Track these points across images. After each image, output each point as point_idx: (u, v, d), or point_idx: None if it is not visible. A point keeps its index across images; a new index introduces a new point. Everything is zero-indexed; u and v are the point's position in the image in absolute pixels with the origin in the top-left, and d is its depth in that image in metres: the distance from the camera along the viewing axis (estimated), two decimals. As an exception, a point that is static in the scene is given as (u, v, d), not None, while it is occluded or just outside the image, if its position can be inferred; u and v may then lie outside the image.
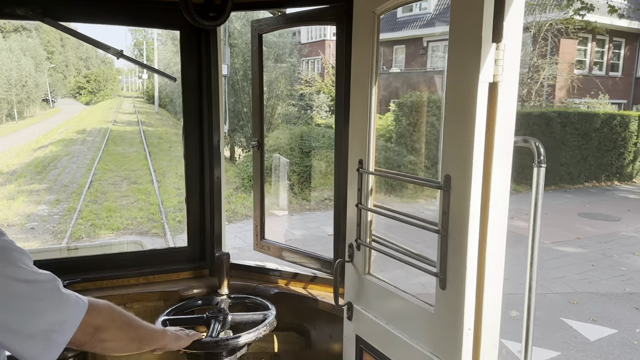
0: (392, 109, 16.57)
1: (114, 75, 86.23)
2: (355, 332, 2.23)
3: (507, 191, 1.63)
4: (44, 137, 30.23)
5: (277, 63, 19.80)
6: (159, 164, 19.40)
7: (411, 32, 25.89)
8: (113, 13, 2.60)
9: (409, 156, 14.76)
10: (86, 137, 28.47)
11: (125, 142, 26.08)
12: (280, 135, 16.14)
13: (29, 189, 15.20)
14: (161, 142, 26.01)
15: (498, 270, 1.66)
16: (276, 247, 2.98)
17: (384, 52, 26.72)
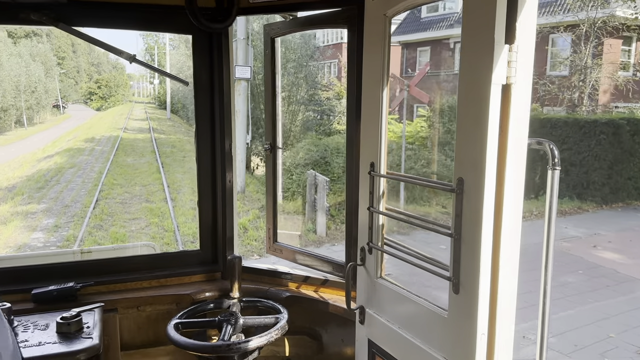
0: (422, 114, 15.77)
1: (125, 80, 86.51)
2: (368, 336, 2.22)
3: (521, 194, 1.61)
4: (51, 145, 28.66)
5: (299, 66, 18.97)
6: (173, 176, 17.84)
7: (437, 33, 24.55)
8: (126, 18, 2.62)
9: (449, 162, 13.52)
10: (95, 146, 26.69)
11: (136, 152, 24.27)
12: (312, 146, 14.66)
13: (25, 210, 13.36)
14: (174, 152, 24.34)
15: (512, 274, 1.64)
16: (288, 250, 2.98)
17: (406, 54, 25.99)
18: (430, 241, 8.56)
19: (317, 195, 11.56)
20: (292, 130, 18.16)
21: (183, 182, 16.55)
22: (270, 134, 2.99)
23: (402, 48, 26.45)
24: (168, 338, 2.30)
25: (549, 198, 1.67)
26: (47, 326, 2.18)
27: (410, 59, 26.03)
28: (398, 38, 25.99)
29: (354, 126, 2.47)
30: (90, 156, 23.13)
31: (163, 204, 13.39)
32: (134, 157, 22.54)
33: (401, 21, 26.57)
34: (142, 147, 26.27)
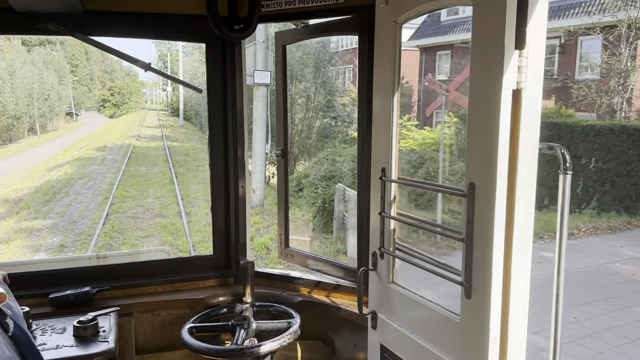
0: (447, 121, 14.52)
1: (138, 88, 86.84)
2: (380, 341, 2.22)
3: (532, 199, 1.61)
4: (63, 154, 27.92)
5: (316, 70, 18.09)
6: (187, 187, 16.76)
7: (458, 36, 22.91)
8: (141, 27, 2.67)
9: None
10: (106, 155, 25.71)
11: (149, 161, 23.38)
12: (336, 156, 13.62)
13: (30, 226, 12.54)
14: (188, 160, 23.23)
15: (524, 279, 1.64)
16: (300, 255, 3.00)
17: (425, 59, 25.08)
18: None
19: (347, 213, 10.60)
20: (309, 137, 17.34)
21: (198, 194, 15.49)
22: (282, 140, 3.02)
23: (420, 53, 25.50)
24: (182, 342, 2.32)
25: (560, 204, 1.67)
26: (64, 330, 2.22)
27: (429, 64, 25.06)
28: (416, 42, 25.21)
29: (364, 131, 2.48)
30: (101, 166, 22.35)
31: (177, 219, 12.56)
32: (146, 167, 21.76)
33: (419, 25, 25.67)
34: (154, 155, 25.50)
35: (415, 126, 15.82)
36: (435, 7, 1.94)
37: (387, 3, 2.05)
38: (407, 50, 25.98)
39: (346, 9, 2.48)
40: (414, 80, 24.69)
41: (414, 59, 26.09)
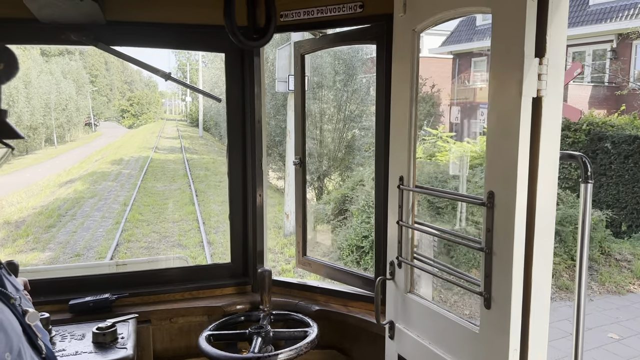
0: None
1: (157, 98, 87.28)
2: (398, 352, 2.21)
3: (553, 208, 1.60)
4: (77, 167, 26.12)
5: (348, 77, 16.41)
6: (209, 208, 14.79)
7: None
8: (161, 37, 2.71)
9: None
10: (122, 170, 23.61)
11: (167, 175, 21.36)
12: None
13: (24, 260, 10.71)
14: (209, 175, 21.20)
15: (545, 289, 1.62)
16: (318, 264, 2.99)
17: (459, 65, 23.65)
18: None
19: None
20: (339, 150, 15.34)
21: (221, 217, 13.67)
22: (299, 149, 3.03)
23: (454, 59, 24.06)
24: (199, 350, 2.33)
25: (582, 212, 1.65)
26: (84, 336, 2.24)
27: (463, 71, 23.58)
28: (449, 48, 23.83)
29: (382, 140, 2.48)
30: (115, 182, 20.14)
31: (199, 251, 10.85)
32: (164, 183, 19.76)
33: (452, 30, 24.35)
34: (173, 169, 23.53)
35: (451, 137, 14.66)
36: (454, 15, 1.94)
37: (406, 12, 2.06)
38: (437, 58, 25.37)
39: (364, 18, 2.49)
40: (446, 89, 24.09)
41: (445, 66, 25.38)
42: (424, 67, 23.91)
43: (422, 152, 13.60)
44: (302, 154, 3.01)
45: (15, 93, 35.66)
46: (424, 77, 22.58)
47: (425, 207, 9.58)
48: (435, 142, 13.69)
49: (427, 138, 15.53)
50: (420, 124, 19.95)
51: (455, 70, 24.10)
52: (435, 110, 22.42)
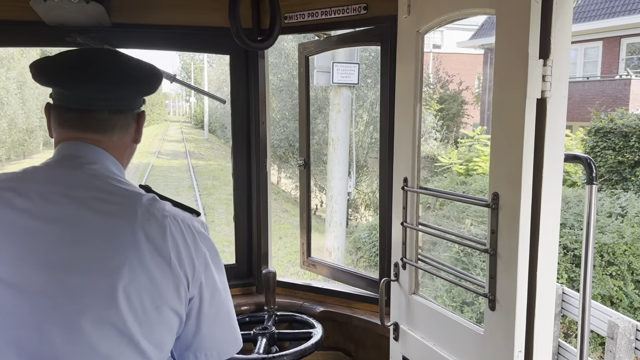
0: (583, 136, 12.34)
1: (161, 100, 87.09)
2: (402, 353, 2.21)
3: (558, 209, 1.59)
4: None
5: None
6: (220, 231, 12.40)
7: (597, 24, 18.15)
8: (166, 39, 2.73)
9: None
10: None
11: (170, 186, 18.96)
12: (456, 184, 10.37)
13: None
14: (217, 186, 18.93)
15: (550, 291, 1.62)
16: (322, 265, 3.00)
17: (490, 61, 21.91)
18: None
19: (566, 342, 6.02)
20: (369, 155, 14.25)
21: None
22: (304, 150, 3.04)
23: (485, 54, 22.62)
24: None
25: (586, 214, 1.65)
26: None
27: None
28: (479, 41, 22.42)
29: (386, 141, 2.49)
30: None
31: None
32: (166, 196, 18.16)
33: (482, 23, 22.82)
34: (177, 178, 21.42)
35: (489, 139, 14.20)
36: (458, 17, 1.94)
37: (410, 13, 2.06)
38: (464, 54, 24.54)
39: (368, 20, 2.49)
40: (473, 86, 23.29)
41: (472, 62, 24.40)
42: (448, 64, 23.42)
43: (457, 157, 12.53)
44: (307, 156, 3.02)
45: (5, 95, 32.58)
46: (450, 74, 22.22)
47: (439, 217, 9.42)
48: (472, 146, 12.97)
49: (462, 141, 14.73)
50: (446, 124, 19.55)
51: (487, 64, 22.87)
52: (458, 109, 21.90)
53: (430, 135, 16.74)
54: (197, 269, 1.24)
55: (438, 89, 21.32)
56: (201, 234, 1.27)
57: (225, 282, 1.34)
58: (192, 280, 1.23)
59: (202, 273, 1.25)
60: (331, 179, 8.94)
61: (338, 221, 8.92)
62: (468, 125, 22.26)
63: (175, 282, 1.19)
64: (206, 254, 1.27)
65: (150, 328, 1.17)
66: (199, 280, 1.24)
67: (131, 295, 1.14)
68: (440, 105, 19.67)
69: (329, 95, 9.28)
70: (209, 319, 1.29)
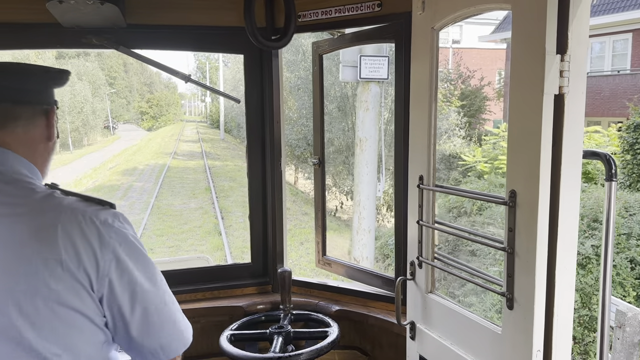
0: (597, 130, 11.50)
1: (176, 99, 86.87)
2: (419, 352, 2.19)
3: (577, 206, 1.57)
4: (91, 174, 23.66)
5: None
6: (239, 236, 11.64)
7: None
8: (181, 39, 2.74)
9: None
10: (134, 182, 20.66)
11: (186, 188, 18.36)
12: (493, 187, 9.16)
13: None
14: (234, 188, 18.12)
15: (569, 289, 1.59)
16: (338, 264, 2.99)
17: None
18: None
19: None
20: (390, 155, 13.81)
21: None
22: (318, 149, 3.04)
23: (508, 48, 21.70)
24: (221, 349, 2.35)
25: (606, 211, 1.62)
26: None
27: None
28: (502, 35, 21.58)
29: (401, 139, 2.47)
30: (123, 200, 17.07)
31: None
32: (182, 198, 16.64)
33: (505, 17, 22.08)
34: (193, 180, 20.77)
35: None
36: (473, 13, 1.92)
37: (424, 10, 2.04)
38: (485, 49, 23.87)
39: (382, 17, 2.48)
40: (493, 81, 22.83)
41: (493, 57, 23.71)
42: (468, 59, 23.08)
43: (481, 155, 12.04)
44: (321, 154, 3.02)
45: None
46: (471, 70, 21.83)
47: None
48: (497, 143, 12.29)
49: (486, 138, 14.12)
50: (468, 121, 19.14)
51: (510, 59, 22.33)
52: (479, 105, 21.42)
53: (453, 132, 16.17)
54: (103, 265, 1.16)
55: (459, 85, 20.95)
56: (109, 226, 1.20)
57: (153, 275, 1.26)
58: (97, 277, 1.16)
59: (111, 269, 1.17)
60: (359, 183, 8.29)
61: (366, 228, 8.28)
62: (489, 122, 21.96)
63: (71, 282, 1.13)
64: (116, 248, 1.19)
65: (50, 331, 1.12)
66: (106, 277, 1.17)
67: (20, 300, 1.10)
68: (462, 102, 19.26)
69: (356, 92, 8.63)
70: (137, 319, 1.22)
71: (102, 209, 1.23)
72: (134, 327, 1.22)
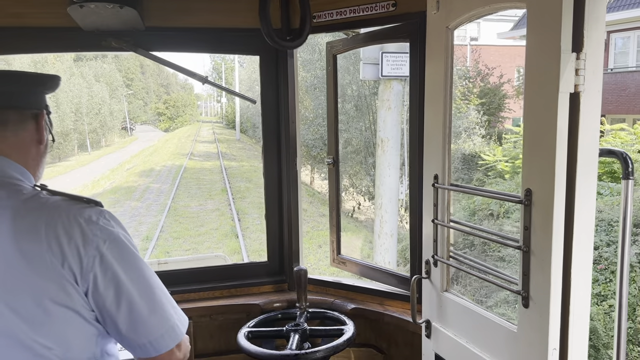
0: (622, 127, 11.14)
1: (192, 100, 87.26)
2: (435, 351, 2.20)
3: (592, 205, 1.57)
4: (109, 175, 23.61)
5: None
6: (256, 238, 11.45)
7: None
8: (197, 42, 2.78)
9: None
10: (150, 184, 20.48)
11: (202, 190, 18.26)
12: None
13: None
14: (251, 189, 17.81)
15: (585, 288, 1.59)
16: (352, 262, 3.01)
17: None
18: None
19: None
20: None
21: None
22: (333, 149, 3.05)
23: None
24: (238, 346, 2.38)
25: (623, 209, 1.61)
26: None
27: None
28: (521, 32, 20.86)
29: (416, 138, 2.48)
30: (140, 201, 16.86)
31: None
32: (199, 200, 16.38)
33: (522, 15, 21.24)
34: (209, 181, 20.62)
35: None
36: (488, 12, 1.92)
37: (439, 9, 2.05)
38: (501, 46, 23.73)
39: (397, 17, 2.49)
40: (512, 79, 22.40)
41: (511, 54, 23.17)
42: (486, 56, 22.85)
43: (502, 155, 11.66)
44: (335, 154, 3.04)
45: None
46: (489, 67, 21.53)
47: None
48: (518, 142, 11.90)
49: (507, 137, 13.92)
50: (488, 120, 18.79)
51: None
52: (499, 102, 21.03)
53: (474, 131, 15.70)
54: (86, 261, 1.20)
55: (478, 83, 20.65)
56: (93, 223, 1.23)
57: (140, 272, 1.28)
58: (81, 273, 1.19)
59: (95, 265, 1.21)
60: (380, 185, 7.86)
61: (388, 232, 7.93)
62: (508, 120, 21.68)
63: (57, 278, 1.17)
64: (99, 245, 1.22)
65: (42, 327, 1.17)
66: (90, 273, 1.20)
67: (8, 297, 1.15)
68: (481, 100, 18.83)
69: (377, 90, 8.24)
70: (123, 315, 1.25)
71: (87, 206, 1.27)
72: (121, 322, 1.26)
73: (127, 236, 1.30)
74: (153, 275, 1.33)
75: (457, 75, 17.49)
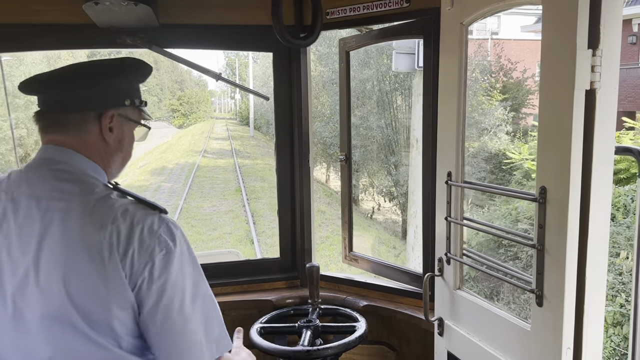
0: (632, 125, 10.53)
1: (206, 97, 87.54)
2: (447, 349, 2.20)
3: (608, 203, 1.55)
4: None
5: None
6: (270, 244, 11.17)
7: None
8: (211, 38, 2.79)
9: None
10: (162, 182, 20.00)
11: (216, 189, 17.77)
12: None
13: None
14: (266, 189, 17.13)
15: (600, 287, 1.58)
16: (364, 259, 3.01)
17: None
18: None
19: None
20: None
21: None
22: (345, 145, 3.05)
23: None
24: (250, 342, 2.39)
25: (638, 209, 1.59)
26: None
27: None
28: (537, 26, 20.98)
29: (429, 135, 2.47)
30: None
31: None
32: (212, 201, 15.87)
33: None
34: (223, 180, 20.14)
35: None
36: (503, 8, 1.91)
37: (453, 5, 2.03)
38: (522, 40, 23.60)
39: (411, 13, 2.47)
40: (535, 74, 22.19)
41: (533, 48, 22.41)
42: (508, 50, 22.69)
43: (528, 153, 10.62)
44: (348, 151, 3.04)
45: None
46: (513, 62, 21.20)
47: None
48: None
49: (533, 134, 13.46)
50: (512, 117, 18.41)
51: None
52: (521, 99, 20.64)
53: (499, 128, 15.27)
54: (137, 265, 1.24)
55: (501, 78, 20.34)
56: (153, 232, 1.27)
57: (188, 289, 1.31)
58: (130, 275, 1.24)
59: (145, 271, 1.25)
60: (414, 191, 7.01)
61: (413, 242, 7.16)
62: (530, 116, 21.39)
63: (112, 278, 1.22)
64: (154, 253, 1.25)
65: (96, 322, 1.24)
66: (140, 277, 1.24)
67: (70, 289, 1.21)
68: (504, 95, 18.27)
69: (413, 83, 7.36)
70: (158, 323, 1.27)
71: (152, 213, 1.30)
72: (152, 330, 1.28)
73: (185, 248, 1.33)
74: (205, 299, 1.40)
75: (478, 70, 16.91)
